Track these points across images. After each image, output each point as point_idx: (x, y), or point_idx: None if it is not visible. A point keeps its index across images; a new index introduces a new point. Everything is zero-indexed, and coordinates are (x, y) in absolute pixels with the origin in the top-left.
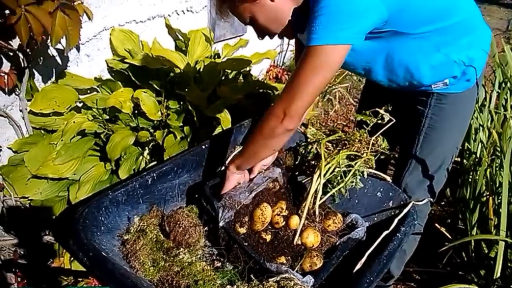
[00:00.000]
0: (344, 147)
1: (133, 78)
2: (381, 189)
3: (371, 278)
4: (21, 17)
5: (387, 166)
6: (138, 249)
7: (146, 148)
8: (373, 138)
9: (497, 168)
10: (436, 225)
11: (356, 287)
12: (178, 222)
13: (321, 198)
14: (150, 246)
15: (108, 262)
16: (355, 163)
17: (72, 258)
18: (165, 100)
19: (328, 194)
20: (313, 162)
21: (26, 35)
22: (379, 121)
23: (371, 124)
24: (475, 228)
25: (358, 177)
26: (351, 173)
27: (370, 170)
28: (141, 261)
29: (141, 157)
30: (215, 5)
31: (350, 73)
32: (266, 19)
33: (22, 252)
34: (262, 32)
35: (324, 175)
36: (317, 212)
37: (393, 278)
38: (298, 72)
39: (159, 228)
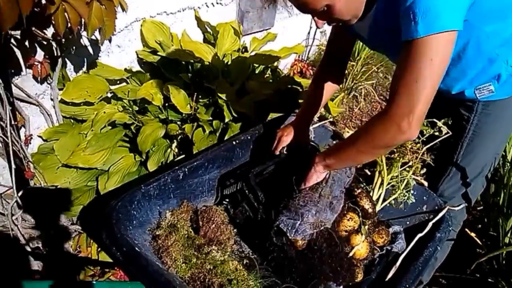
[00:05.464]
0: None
1: (163, 70)
2: (415, 193)
3: (407, 286)
4: (59, 7)
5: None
6: (170, 245)
7: (175, 141)
8: (425, 148)
9: None
10: (467, 230)
11: None
12: (212, 218)
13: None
14: (182, 243)
15: (141, 258)
16: (408, 172)
17: (99, 249)
18: (195, 93)
19: (384, 204)
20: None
21: (63, 25)
22: (436, 133)
23: (427, 135)
24: (508, 236)
25: (412, 191)
26: (404, 183)
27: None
28: (173, 257)
29: (169, 149)
30: None
31: (376, 69)
32: (346, 7)
33: (46, 241)
34: (333, 20)
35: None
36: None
37: (421, 284)
38: (411, 69)
39: (189, 224)
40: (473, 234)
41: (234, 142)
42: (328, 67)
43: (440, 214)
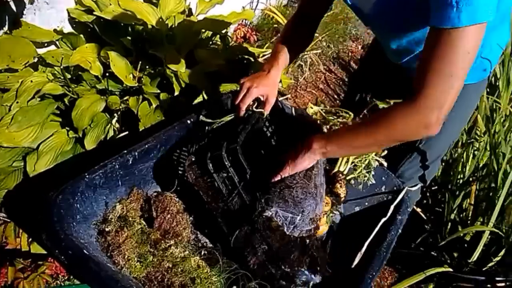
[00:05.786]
0: None
1: (99, 33)
2: (374, 173)
3: (374, 273)
4: None
5: None
6: (122, 242)
7: (115, 115)
8: None
9: (475, 152)
10: (413, 206)
11: (361, 284)
12: (167, 208)
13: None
14: (136, 239)
15: (91, 262)
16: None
17: (30, 239)
18: (139, 61)
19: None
20: None
21: None
22: None
23: None
24: (454, 213)
25: (372, 172)
26: (366, 163)
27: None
28: (126, 256)
29: (109, 125)
30: None
31: (321, 39)
32: None
33: None
34: None
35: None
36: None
37: None
38: (447, 61)
39: (140, 214)
40: (418, 210)
41: (188, 121)
42: (299, 26)
43: (400, 196)
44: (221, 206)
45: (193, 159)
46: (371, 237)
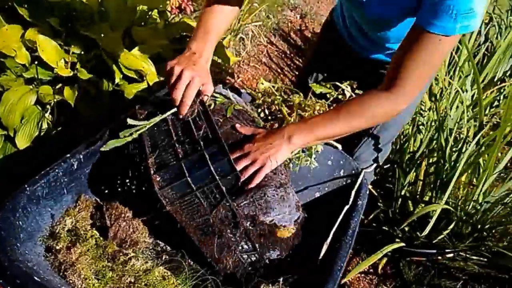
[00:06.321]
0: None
1: (20, 11)
2: (332, 157)
3: (342, 265)
4: None
5: None
6: (76, 260)
7: (48, 106)
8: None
9: (420, 127)
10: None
11: (331, 277)
12: (121, 215)
13: None
14: (91, 255)
15: None
16: None
17: None
18: (71, 44)
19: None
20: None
21: None
22: (340, 96)
23: (331, 98)
24: (405, 189)
25: (314, 155)
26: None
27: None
28: (81, 275)
29: (43, 119)
30: None
31: (261, 9)
32: None
33: None
34: None
35: None
36: None
37: None
38: (432, 63)
39: (91, 223)
40: (370, 186)
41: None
42: None
43: (359, 180)
44: (200, 221)
45: (159, 179)
46: (335, 227)
